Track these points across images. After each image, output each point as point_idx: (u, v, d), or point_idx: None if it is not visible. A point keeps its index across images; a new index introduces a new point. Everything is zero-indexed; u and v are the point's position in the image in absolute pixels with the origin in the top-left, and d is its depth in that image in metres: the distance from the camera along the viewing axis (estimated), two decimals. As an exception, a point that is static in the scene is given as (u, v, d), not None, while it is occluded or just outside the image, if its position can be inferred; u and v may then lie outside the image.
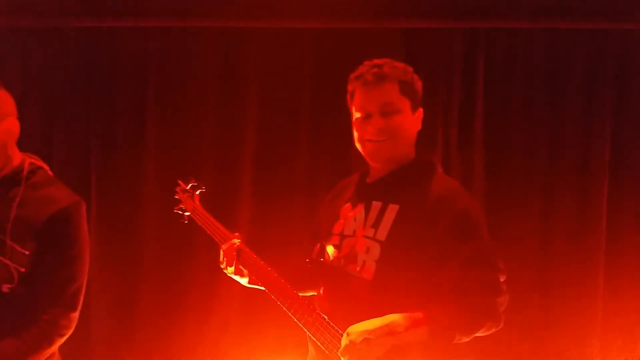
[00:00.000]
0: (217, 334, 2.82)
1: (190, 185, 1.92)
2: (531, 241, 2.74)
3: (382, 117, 1.52)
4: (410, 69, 1.57)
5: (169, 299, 2.82)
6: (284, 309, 1.55)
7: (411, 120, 1.55)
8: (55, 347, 1.65)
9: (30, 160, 1.71)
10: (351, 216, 1.58)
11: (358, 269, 1.50)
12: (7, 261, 1.58)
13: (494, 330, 1.43)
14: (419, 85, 1.58)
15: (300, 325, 1.51)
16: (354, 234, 1.55)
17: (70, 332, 1.65)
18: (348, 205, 1.61)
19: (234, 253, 1.65)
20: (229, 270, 1.68)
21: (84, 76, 2.85)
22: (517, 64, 2.78)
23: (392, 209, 1.50)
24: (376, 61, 1.55)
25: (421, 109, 1.59)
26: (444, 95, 2.77)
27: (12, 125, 1.66)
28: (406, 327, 1.36)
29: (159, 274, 2.84)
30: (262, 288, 1.64)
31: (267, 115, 2.86)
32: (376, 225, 1.51)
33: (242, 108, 2.87)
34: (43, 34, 2.84)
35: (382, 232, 1.49)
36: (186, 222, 1.92)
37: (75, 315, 1.65)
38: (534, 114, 2.77)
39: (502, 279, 1.44)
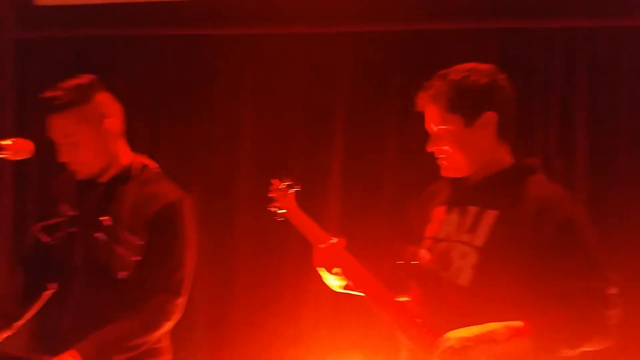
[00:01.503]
0: (308, 334, 2.81)
1: (284, 183, 1.94)
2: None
3: (434, 139, 1.53)
4: (466, 75, 1.49)
5: (261, 298, 2.86)
6: (380, 312, 1.53)
7: (466, 134, 1.49)
8: (162, 331, 1.75)
9: (139, 159, 1.83)
10: (445, 220, 1.55)
11: (453, 274, 1.47)
12: (123, 251, 1.71)
13: (604, 345, 1.36)
14: (480, 87, 1.48)
15: (396, 329, 1.50)
16: (449, 238, 1.52)
17: (176, 317, 1.75)
18: (442, 208, 1.58)
19: (331, 255, 1.65)
20: (324, 273, 1.68)
21: (186, 81, 2.99)
22: (621, 63, 2.62)
23: (490, 215, 1.46)
24: (435, 77, 1.52)
25: (489, 113, 1.49)
26: (542, 97, 2.65)
27: (112, 126, 1.76)
28: (507, 337, 1.33)
29: (251, 273, 2.88)
30: (355, 293, 1.64)
31: (356, 115, 2.87)
32: (472, 230, 1.47)
33: (331, 111, 2.89)
34: (146, 42, 3.01)
35: (479, 238, 1.45)
36: (279, 219, 1.95)
37: (181, 301, 1.74)
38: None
39: (612, 291, 1.36)
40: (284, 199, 1.87)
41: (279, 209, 1.91)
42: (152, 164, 1.86)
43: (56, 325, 1.77)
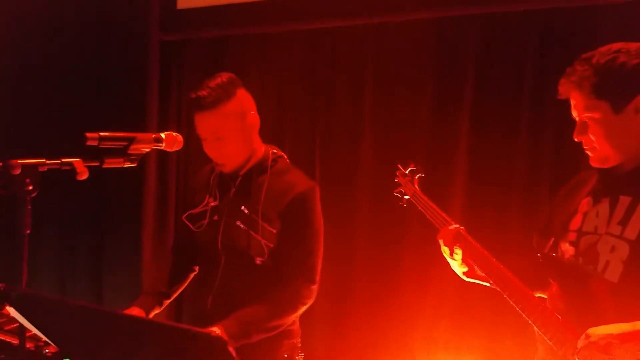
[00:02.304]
0: (428, 326, 2.78)
1: (409, 169, 1.94)
2: None
3: (580, 128, 1.44)
4: (613, 57, 1.38)
5: (381, 286, 2.87)
6: (514, 305, 1.49)
7: (615, 121, 1.40)
8: (298, 314, 1.84)
9: (272, 151, 1.92)
10: (592, 211, 1.46)
11: (600, 269, 1.39)
12: (260, 238, 1.80)
13: None
14: (629, 70, 1.37)
15: (530, 322, 1.45)
16: (596, 230, 1.43)
17: (310, 301, 1.83)
18: (588, 199, 1.49)
19: (456, 240, 1.63)
20: (448, 256, 1.66)
21: (310, 73, 3.07)
22: None
23: None
24: (578, 61, 1.42)
25: None
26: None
27: (254, 119, 1.87)
28: None
29: (372, 262, 2.90)
30: (483, 283, 1.60)
31: (483, 104, 2.77)
32: (624, 222, 1.38)
33: (458, 98, 2.82)
34: (271, 38, 3.14)
35: (632, 231, 1.36)
36: (405, 205, 1.95)
37: (315, 287, 1.83)
38: None
39: None
40: (409, 184, 1.87)
41: (404, 194, 1.92)
42: (283, 155, 1.94)
43: (200, 303, 1.91)
